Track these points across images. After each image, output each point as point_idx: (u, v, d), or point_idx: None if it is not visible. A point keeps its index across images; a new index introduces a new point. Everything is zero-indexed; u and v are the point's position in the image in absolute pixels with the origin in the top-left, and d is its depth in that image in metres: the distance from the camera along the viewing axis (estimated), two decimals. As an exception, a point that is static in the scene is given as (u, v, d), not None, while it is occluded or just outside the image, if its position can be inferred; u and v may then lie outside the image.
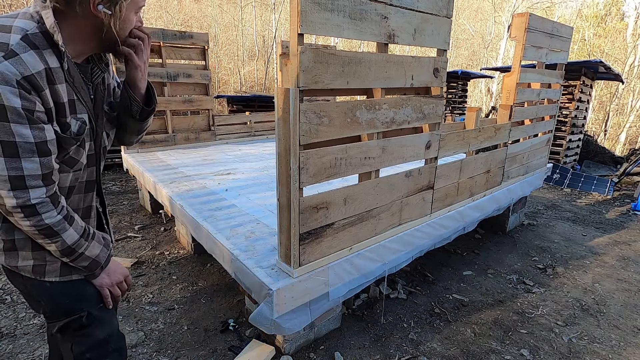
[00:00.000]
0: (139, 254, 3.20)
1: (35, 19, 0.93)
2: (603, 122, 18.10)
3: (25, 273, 1.09)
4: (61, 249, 1.05)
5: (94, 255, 1.12)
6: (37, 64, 0.90)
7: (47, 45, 0.93)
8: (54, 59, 0.94)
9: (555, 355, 2.13)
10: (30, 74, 0.88)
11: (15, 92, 0.86)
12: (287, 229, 1.74)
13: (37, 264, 1.09)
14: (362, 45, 21.84)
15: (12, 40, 0.88)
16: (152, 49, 4.39)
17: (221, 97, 10.47)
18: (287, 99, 1.53)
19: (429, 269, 3.04)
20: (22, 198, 0.93)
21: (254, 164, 4.11)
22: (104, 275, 1.18)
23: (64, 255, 1.06)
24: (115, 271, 1.22)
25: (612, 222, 4.47)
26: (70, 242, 1.05)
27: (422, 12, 1.93)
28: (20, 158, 0.90)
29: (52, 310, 1.15)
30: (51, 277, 1.11)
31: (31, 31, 0.91)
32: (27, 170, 0.92)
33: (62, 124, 1.00)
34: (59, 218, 1.01)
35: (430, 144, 2.24)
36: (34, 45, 0.90)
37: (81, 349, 1.20)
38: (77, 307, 1.17)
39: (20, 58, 0.87)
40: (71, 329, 1.18)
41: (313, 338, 2.15)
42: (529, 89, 3.24)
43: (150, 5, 22.31)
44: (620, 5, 24.51)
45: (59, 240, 1.03)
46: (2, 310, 2.38)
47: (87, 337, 1.20)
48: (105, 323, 1.25)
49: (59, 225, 1.01)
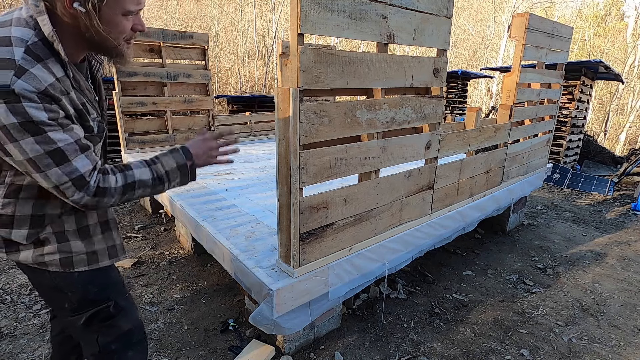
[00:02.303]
0: (139, 254, 3.20)
1: (31, 25, 0.91)
2: (603, 122, 18.10)
3: (53, 267, 1.10)
4: (151, 185, 1.09)
5: (173, 165, 1.14)
6: (47, 77, 0.90)
7: (49, 54, 0.92)
8: (58, 67, 0.93)
9: (555, 355, 2.13)
10: (45, 87, 0.89)
11: (40, 107, 0.88)
12: (287, 229, 1.74)
13: (64, 257, 1.11)
14: (362, 45, 21.84)
15: (17, 54, 0.86)
16: (152, 49, 4.39)
17: (221, 97, 10.46)
18: (287, 99, 1.53)
19: (429, 269, 3.04)
20: (88, 190, 0.98)
21: (254, 164, 4.11)
22: (199, 162, 1.21)
23: (157, 186, 1.11)
24: (199, 148, 1.21)
25: (612, 222, 4.46)
26: (148, 176, 1.09)
27: (422, 12, 1.93)
28: (70, 161, 0.94)
29: (79, 301, 1.17)
30: (80, 267, 1.14)
31: (31, 41, 0.89)
32: (82, 168, 0.96)
33: (87, 127, 1.04)
34: (120, 174, 1.04)
35: (430, 144, 2.24)
36: (38, 58, 0.89)
37: (107, 340, 1.23)
38: (104, 296, 1.20)
39: (31, 73, 0.87)
40: (98, 320, 1.21)
41: (313, 338, 2.15)
42: (529, 89, 3.24)
43: (150, 5, 22.32)
44: (620, 5, 24.50)
45: (140, 183, 1.07)
46: (2, 310, 2.38)
47: (113, 328, 1.24)
48: (130, 314, 1.28)
49: (126, 176, 1.05)
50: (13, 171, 0.99)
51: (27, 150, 0.89)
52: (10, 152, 0.90)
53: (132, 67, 4.25)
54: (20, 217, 1.04)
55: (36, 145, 0.89)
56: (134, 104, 4.30)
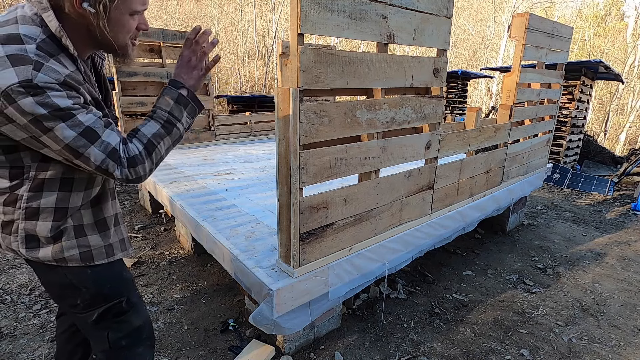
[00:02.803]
0: (139, 254, 3.20)
1: (37, 22, 0.91)
2: (603, 122, 18.10)
3: (72, 262, 1.11)
4: (166, 132, 1.09)
5: (171, 102, 1.11)
6: (62, 69, 0.91)
7: (59, 50, 0.93)
8: (69, 62, 0.95)
9: (555, 355, 2.13)
10: (63, 78, 0.90)
11: (63, 95, 0.90)
12: (287, 229, 1.74)
13: (83, 251, 1.12)
14: (362, 45, 21.84)
15: (30, 51, 0.87)
16: (152, 49, 4.39)
17: (221, 97, 10.47)
18: (287, 99, 1.53)
19: (429, 269, 3.04)
20: (123, 161, 1.00)
21: (254, 164, 4.11)
22: (189, 82, 1.16)
23: (172, 128, 1.11)
24: (183, 67, 1.16)
25: (612, 222, 4.46)
26: (156, 127, 1.08)
27: (422, 12, 1.93)
28: (101, 136, 0.97)
29: (93, 296, 1.17)
30: (100, 259, 1.15)
31: (39, 39, 0.90)
32: (113, 141, 0.99)
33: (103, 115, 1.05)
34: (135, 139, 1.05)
35: (430, 144, 2.24)
36: (49, 54, 0.90)
37: (118, 336, 1.24)
38: (117, 291, 1.21)
39: (49, 66, 0.88)
40: (110, 315, 1.21)
41: (313, 338, 2.15)
42: (529, 89, 3.24)
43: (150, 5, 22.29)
44: (620, 5, 24.50)
45: (160, 137, 1.08)
46: (2, 310, 2.38)
47: (125, 324, 1.25)
48: (141, 310, 1.30)
49: (140, 139, 1.06)
50: (35, 164, 1.00)
51: (62, 137, 0.91)
52: (47, 144, 0.92)
53: (132, 67, 4.26)
54: (45, 209, 1.05)
55: (69, 130, 0.91)
56: (134, 104, 4.30)
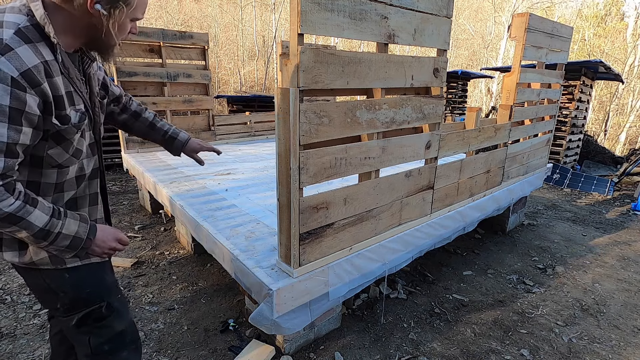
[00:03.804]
0: (139, 254, 3.20)
1: (24, 12, 0.93)
2: (603, 122, 18.10)
3: (44, 266, 1.09)
4: (33, 233, 0.98)
5: (72, 232, 1.05)
6: (32, 58, 0.90)
7: (40, 38, 0.93)
8: (48, 51, 0.95)
9: (555, 355, 2.13)
10: (27, 68, 0.89)
11: (7, 91, 0.86)
12: (287, 229, 1.74)
13: (53, 254, 1.09)
14: (362, 45, 21.83)
15: (6, 34, 0.88)
16: (152, 48, 4.39)
17: (221, 97, 10.46)
18: (287, 99, 1.53)
19: (429, 269, 3.04)
20: None
21: (254, 164, 4.11)
22: (94, 248, 1.12)
23: (39, 238, 1.00)
24: (104, 240, 1.14)
25: (612, 222, 4.46)
26: (41, 224, 0.98)
27: (422, 12, 1.93)
28: None
29: (72, 301, 1.16)
30: (72, 262, 1.12)
31: (22, 25, 0.91)
32: None
33: (62, 116, 1.01)
34: (19, 203, 0.95)
35: (430, 144, 2.24)
36: (27, 39, 0.90)
37: (100, 341, 1.22)
38: (97, 296, 1.19)
39: (16, 53, 0.88)
40: (90, 320, 1.19)
41: (313, 338, 2.15)
42: (529, 89, 3.24)
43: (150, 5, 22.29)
44: (620, 5, 24.50)
45: (26, 225, 0.96)
46: (2, 310, 2.38)
47: (105, 329, 1.22)
48: (123, 314, 1.27)
49: (21, 210, 0.95)
50: None
51: None
52: None
53: (132, 67, 4.26)
54: None
55: None
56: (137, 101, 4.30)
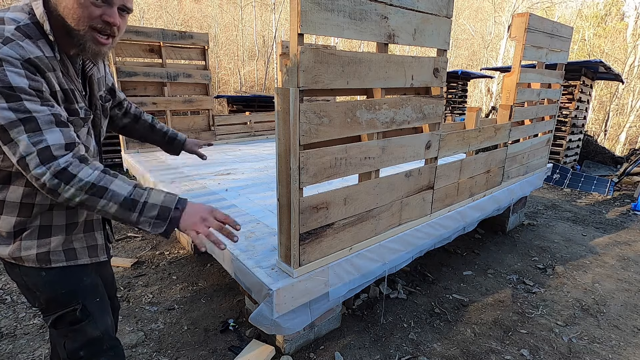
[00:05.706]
0: (139, 254, 3.20)
1: (26, 10, 0.95)
2: (603, 122, 18.10)
3: (28, 263, 1.08)
4: (121, 202, 0.94)
5: (159, 201, 0.99)
6: (35, 50, 0.92)
7: (40, 35, 0.95)
8: (47, 48, 0.96)
9: (555, 355, 2.13)
10: (30, 57, 0.90)
11: (22, 73, 0.88)
12: (287, 229, 1.74)
13: (41, 252, 1.08)
14: (362, 45, 21.84)
15: (7, 30, 0.90)
16: (152, 49, 4.39)
17: (221, 97, 10.46)
18: (287, 99, 1.53)
19: (429, 269, 3.04)
20: (52, 166, 0.89)
21: (254, 164, 4.11)
22: (186, 220, 1.02)
23: (126, 209, 0.95)
24: (196, 210, 1.05)
25: (612, 222, 4.47)
26: (126, 192, 0.95)
27: (422, 12, 1.93)
28: (42, 130, 0.90)
29: (47, 301, 1.14)
30: (57, 262, 1.11)
31: (23, 22, 0.93)
32: (51, 140, 0.90)
33: (72, 110, 1.02)
34: (97, 173, 0.93)
35: (430, 144, 2.24)
36: (27, 35, 0.92)
37: (74, 346, 1.18)
38: (73, 298, 1.15)
39: (18, 43, 0.89)
40: (65, 323, 1.16)
41: (313, 338, 2.15)
42: (529, 89, 3.24)
43: (150, 5, 22.33)
44: (620, 5, 24.50)
45: (112, 195, 0.94)
46: (2, 310, 2.38)
47: (79, 333, 1.18)
48: (99, 320, 1.22)
49: (102, 179, 0.93)
50: (2, 155, 0.98)
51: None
52: None
53: (132, 67, 4.26)
54: (10, 203, 1.03)
55: (8, 112, 0.86)
56: (134, 104, 4.30)
